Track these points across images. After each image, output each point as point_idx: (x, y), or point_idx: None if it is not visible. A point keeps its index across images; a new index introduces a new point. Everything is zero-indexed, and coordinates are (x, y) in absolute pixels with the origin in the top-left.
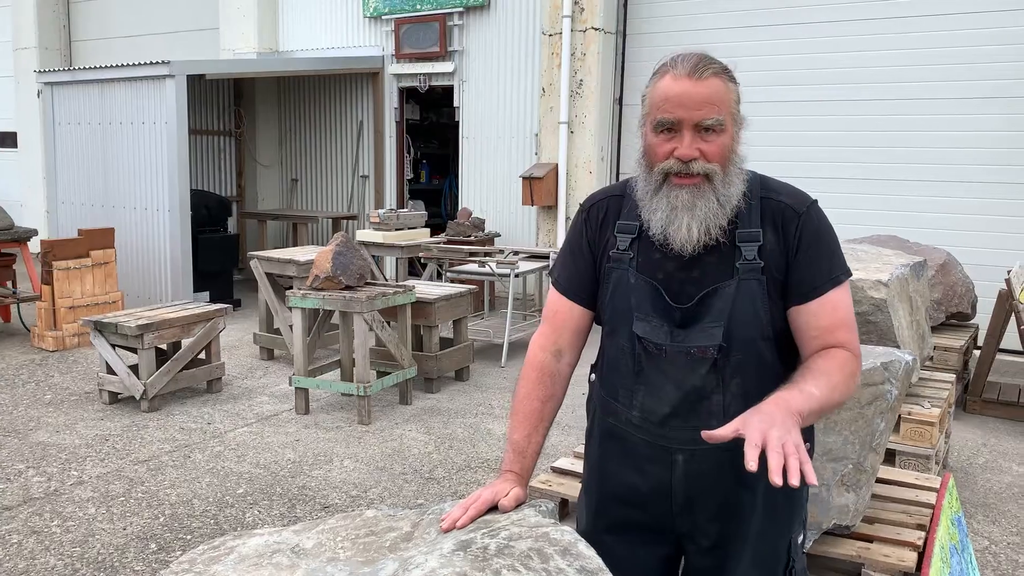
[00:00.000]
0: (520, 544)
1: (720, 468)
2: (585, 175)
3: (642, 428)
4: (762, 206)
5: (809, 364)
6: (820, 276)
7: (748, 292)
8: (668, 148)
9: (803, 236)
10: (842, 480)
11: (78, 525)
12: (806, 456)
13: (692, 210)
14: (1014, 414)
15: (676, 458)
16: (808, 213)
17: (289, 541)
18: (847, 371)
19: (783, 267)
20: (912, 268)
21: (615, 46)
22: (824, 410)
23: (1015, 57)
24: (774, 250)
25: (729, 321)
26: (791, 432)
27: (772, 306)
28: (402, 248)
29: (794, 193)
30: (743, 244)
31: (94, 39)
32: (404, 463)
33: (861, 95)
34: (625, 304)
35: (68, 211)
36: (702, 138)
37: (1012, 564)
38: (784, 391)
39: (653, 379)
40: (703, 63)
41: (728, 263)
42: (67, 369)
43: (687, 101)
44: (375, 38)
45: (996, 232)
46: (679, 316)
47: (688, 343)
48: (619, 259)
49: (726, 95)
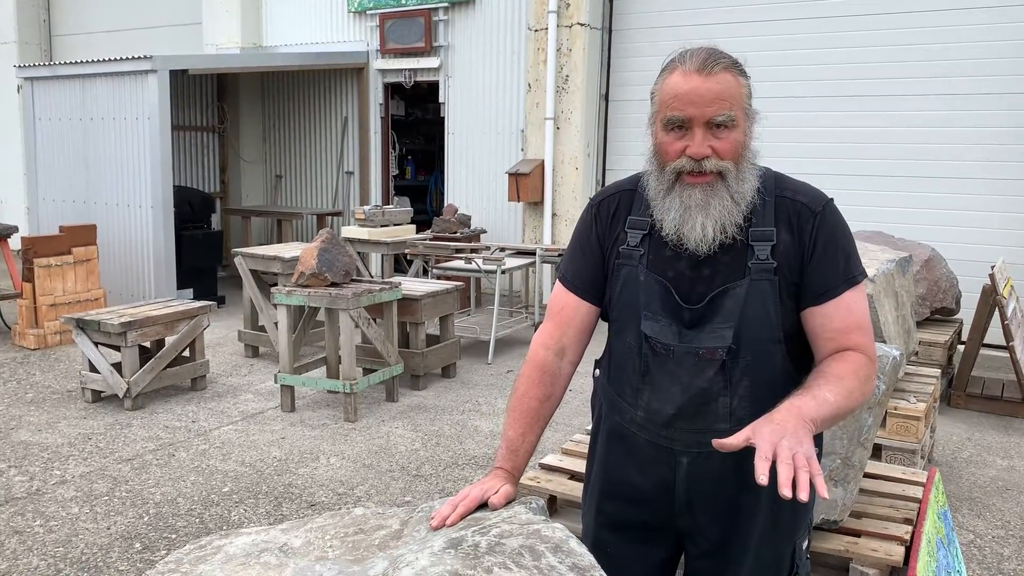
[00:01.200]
0: (511, 541)
1: (724, 471)
2: (571, 171)
3: (647, 428)
4: (776, 205)
5: (823, 368)
6: (835, 277)
7: (759, 293)
8: (679, 146)
9: (819, 236)
10: (831, 475)
11: (61, 525)
12: (817, 468)
13: (706, 209)
14: (998, 408)
15: (680, 460)
16: (824, 212)
17: (277, 540)
18: (862, 375)
19: (797, 268)
20: (898, 264)
21: (601, 42)
22: (839, 416)
23: (1000, 55)
24: (788, 250)
25: (739, 322)
26: (803, 443)
27: (784, 307)
28: (388, 245)
29: (810, 192)
30: (756, 243)
31: (74, 34)
32: (391, 460)
33: (846, 92)
34: (634, 302)
35: (49, 208)
36: (714, 135)
37: (997, 557)
38: (797, 397)
39: (659, 380)
40: (712, 58)
41: (740, 263)
42: (49, 367)
43: (697, 98)
44: (360, 33)
45: (980, 228)
46: (688, 316)
47: (696, 344)
48: (629, 255)
49: (737, 90)
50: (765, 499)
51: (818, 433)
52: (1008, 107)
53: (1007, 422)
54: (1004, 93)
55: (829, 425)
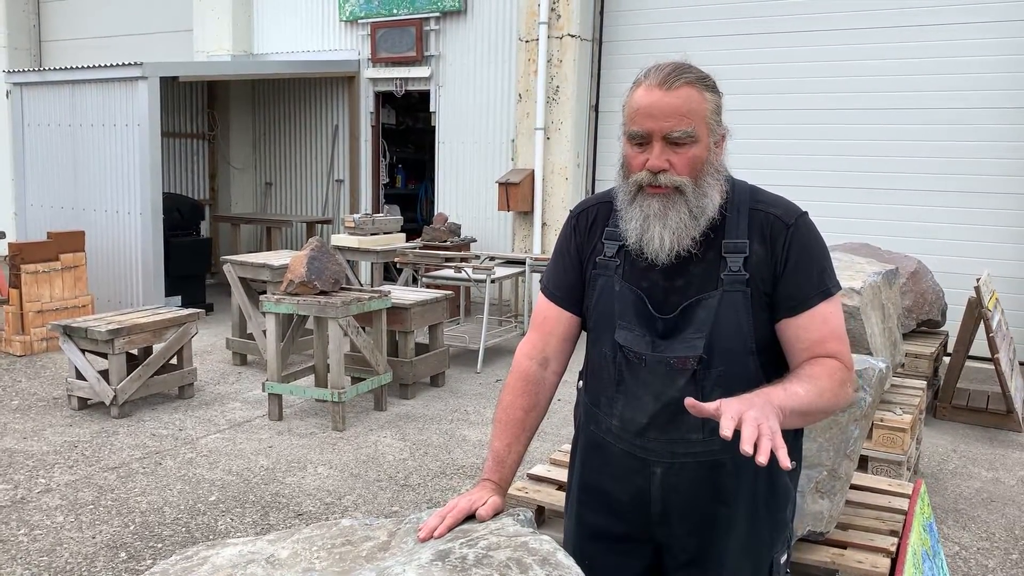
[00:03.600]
0: (499, 554)
1: (698, 483)
2: (561, 181)
3: (621, 438)
4: (751, 217)
5: (797, 369)
6: (809, 289)
7: (732, 304)
8: (642, 159)
9: (791, 248)
10: (817, 487)
11: (46, 533)
12: (781, 442)
13: (664, 220)
14: (983, 420)
15: (654, 470)
16: (797, 225)
17: (264, 551)
18: (836, 378)
19: (770, 279)
20: (884, 276)
21: (591, 53)
22: (810, 413)
23: (985, 69)
24: (761, 262)
25: (711, 333)
26: (768, 417)
27: (757, 319)
28: (377, 253)
29: (784, 205)
30: (729, 255)
31: (64, 40)
32: (379, 470)
33: (835, 104)
34: (609, 311)
35: (37, 214)
36: (673, 150)
37: (982, 569)
38: (767, 387)
39: (633, 389)
40: (676, 73)
41: (713, 274)
42: (35, 374)
43: (657, 112)
44: (351, 42)
45: (965, 241)
46: (662, 326)
47: (668, 353)
48: (605, 266)
49: (699, 105)
50: (741, 512)
51: (794, 445)
52: (994, 121)
53: (992, 434)
54: (992, 107)
55: (799, 420)
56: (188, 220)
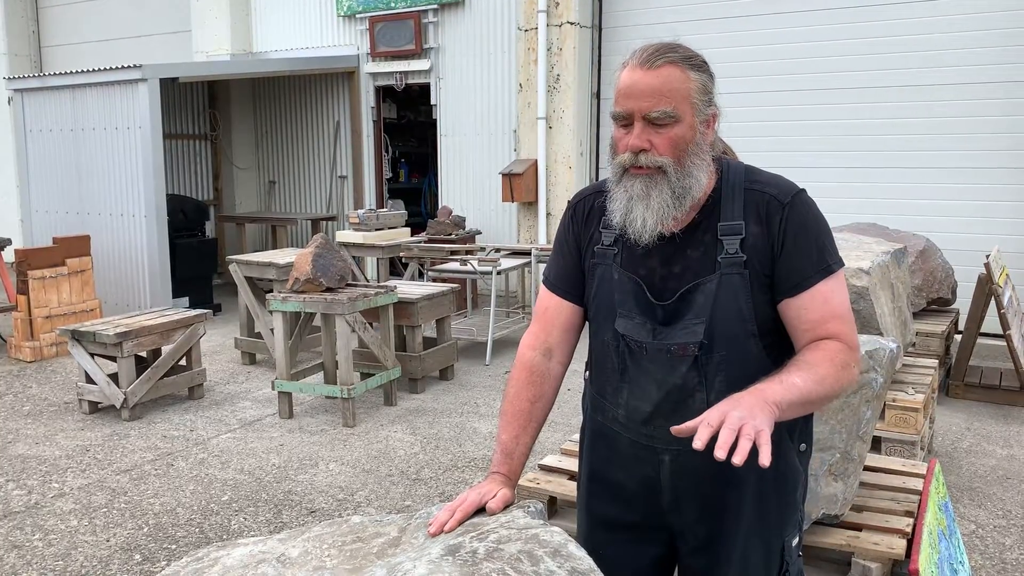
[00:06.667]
0: (510, 547)
1: (706, 468)
2: (565, 170)
3: (628, 427)
4: (746, 198)
5: (797, 356)
6: (809, 267)
7: (730, 287)
8: (626, 141)
9: (788, 227)
10: (830, 470)
11: (60, 538)
12: (766, 439)
13: (647, 200)
14: (996, 397)
15: (662, 458)
16: (793, 203)
17: (274, 550)
18: (838, 361)
19: (768, 260)
20: (893, 255)
21: (591, 40)
22: (810, 402)
23: (991, 43)
24: (758, 243)
25: (711, 318)
26: (755, 416)
27: (757, 301)
28: (382, 248)
29: (780, 183)
30: (725, 238)
31: (64, 44)
32: (390, 465)
33: (840, 84)
34: (608, 300)
35: (42, 219)
36: (654, 130)
37: (999, 547)
38: (763, 382)
39: (637, 377)
40: (658, 53)
41: (710, 258)
42: (45, 380)
43: (637, 92)
44: (350, 37)
45: (974, 218)
46: (661, 313)
47: (668, 341)
48: (603, 255)
49: (683, 84)
50: (750, 495)
51: (803, 430)
52: (1001, 96)
53: (1006, 411)
54: (997, 82)
55: (798, 410)
56: (193, 221)
